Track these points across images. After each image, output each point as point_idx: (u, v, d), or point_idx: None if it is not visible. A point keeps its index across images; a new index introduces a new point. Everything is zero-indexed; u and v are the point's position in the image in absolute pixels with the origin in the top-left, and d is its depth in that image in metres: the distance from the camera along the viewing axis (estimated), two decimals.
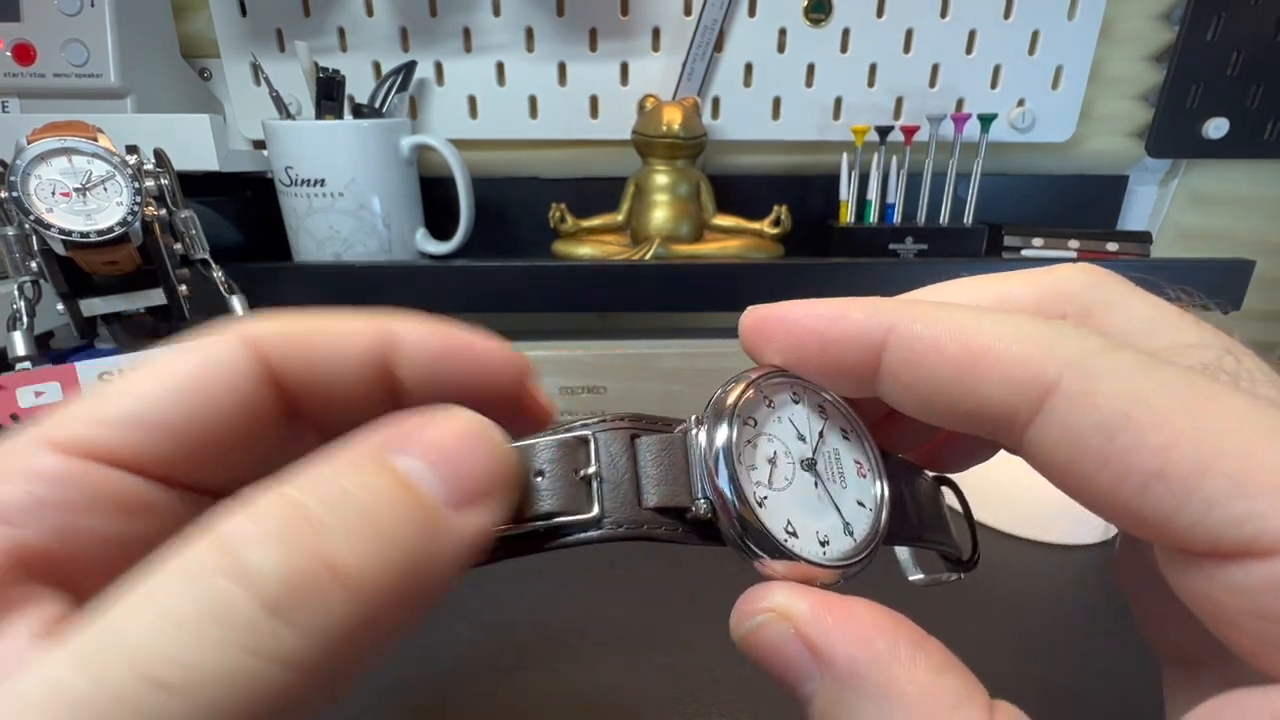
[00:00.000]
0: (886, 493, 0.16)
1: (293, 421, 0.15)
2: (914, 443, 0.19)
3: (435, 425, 0.13)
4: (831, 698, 0.13)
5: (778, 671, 0.13)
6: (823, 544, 0.15)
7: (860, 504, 0.16)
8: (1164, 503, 0.11)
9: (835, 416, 0.17)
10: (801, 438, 0.16)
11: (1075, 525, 0.43)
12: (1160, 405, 0.11)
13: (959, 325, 0.14)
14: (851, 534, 0.15)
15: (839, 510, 0.16)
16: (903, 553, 0.20)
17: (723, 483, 0.14)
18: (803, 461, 0.16)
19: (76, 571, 0.12)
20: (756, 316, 0.16)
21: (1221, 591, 0.11)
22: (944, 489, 0.21)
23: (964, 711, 0.12)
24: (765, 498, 0.15)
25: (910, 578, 0.20)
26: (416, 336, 0.16)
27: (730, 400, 0.15)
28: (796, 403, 0.16)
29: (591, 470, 0.14)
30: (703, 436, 0.15)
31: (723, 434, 0.15)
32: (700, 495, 0.14)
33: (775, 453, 0.15)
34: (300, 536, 0.10)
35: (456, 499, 0.12)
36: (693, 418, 0.15)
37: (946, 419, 0.14)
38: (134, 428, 0.13)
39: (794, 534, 0.15)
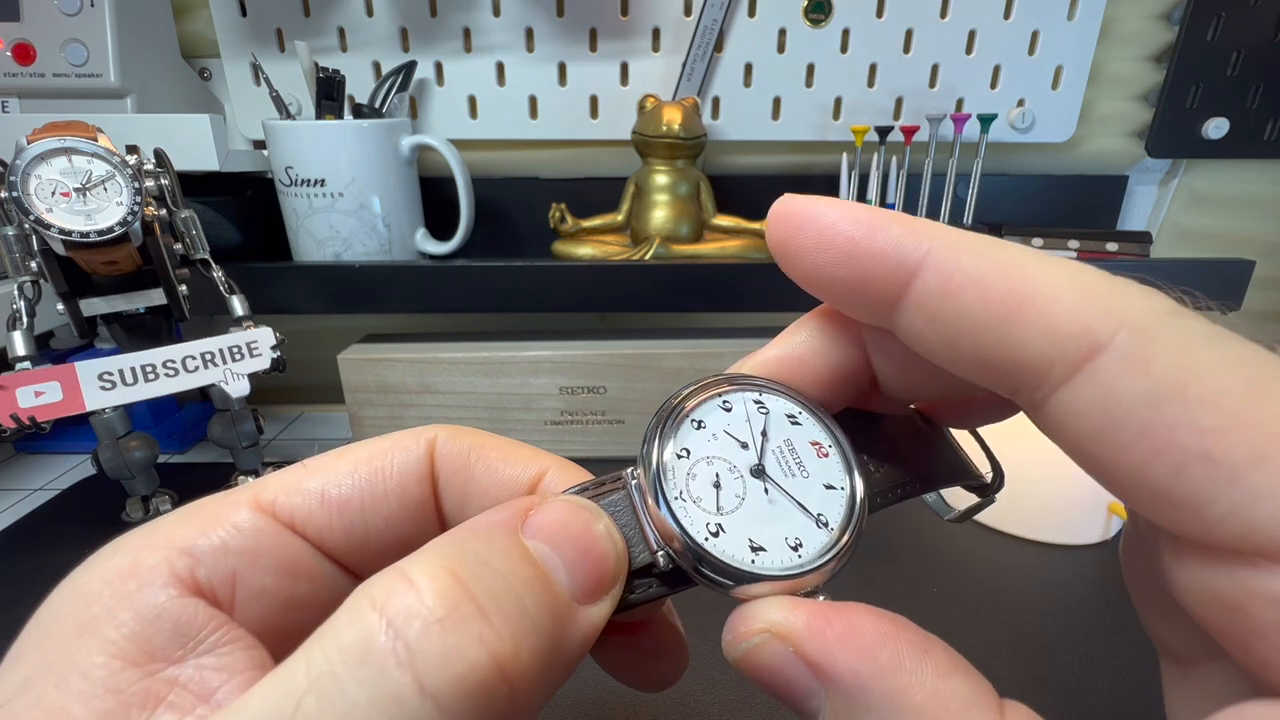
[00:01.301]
0: (854, 465, 0.15)
1: (438, 510, 0.17)
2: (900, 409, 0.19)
3: (556, 508, 0.14)
4: (838, 713, 0.12)
5: (780, 693, 0.13)
6: (795, 548, 0.14)
7: (829, 486, 0.15)
8: (1201, 488, 0.10)
9: (776, 405, 0.16)
10: (744, 445, 0.15)
11: (1075, 525, 0.43)
12: (1221, 382, 0.10)
13: (1008, 262, 0.12)
14: (826, 524, 0.15)
15: (803, 507, 0.15)
16: (928, 495, 0.19)
17: (671, 528, 0.14)
18: (751, 470, 0.15)
19: (232, 612, 0.14)
20: (789, 208, 0.15)
21: (1245, 594, 0.10)
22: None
23: (974, 715, 0.11)
24: (719, 525, 0.14)
25: (944, 518, 0.19)
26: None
27: (656, 444, 0.15)
28: (728, 410, 0.16)
29: None
30: (639, 488, 0.15)
31: (654, 479, 0.15)
32: (657, 548, 0.14)
33: (718, 474, 0.15)
34: (469, 626, 0.11)
35: (583, 592, 0.13)
36: (628, 470, 0.15)
37: (965, 365, 0.13)
38: (319, 500, 0.15)
39: (761, 549, 0.14)
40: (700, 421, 0.16)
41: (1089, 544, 0.43)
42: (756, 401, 0.16)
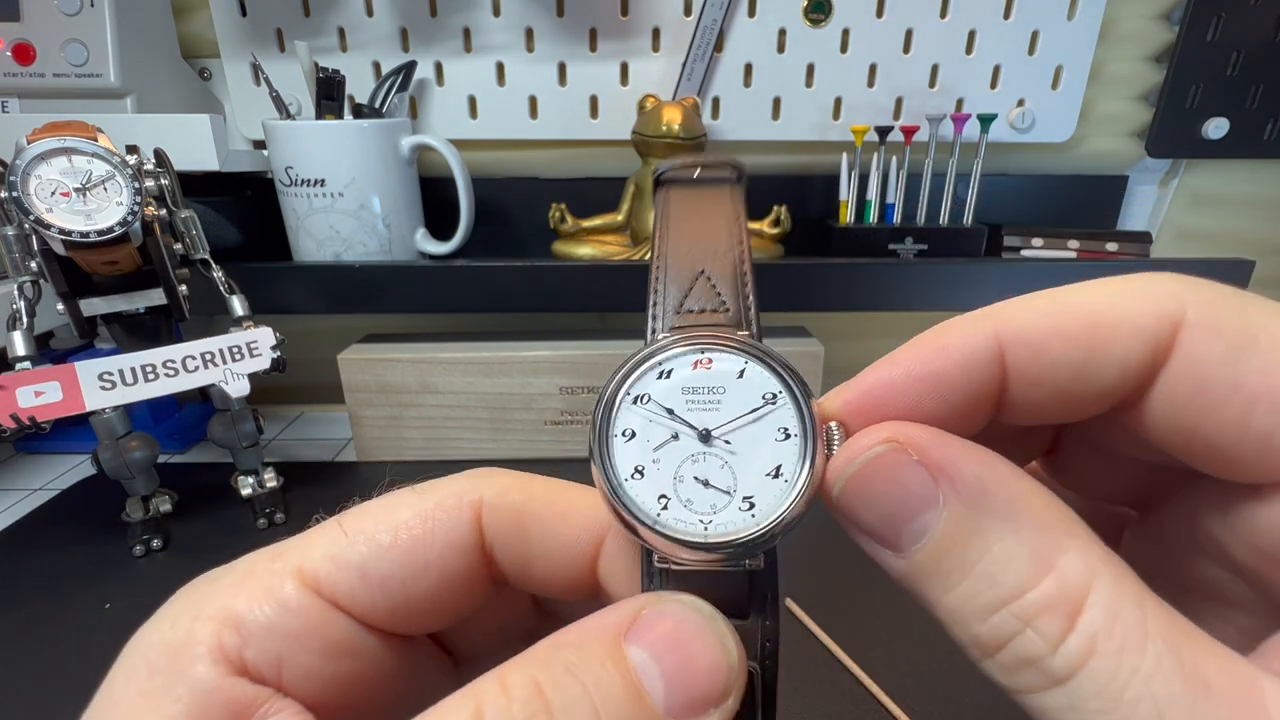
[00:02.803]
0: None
1: (499, 584, 0.16)
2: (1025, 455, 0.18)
3: (670, 615, 0.13)
4: (959, 519, 0.12)
5: (892, 508, 0.13)
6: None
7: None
8: None
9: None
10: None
11: None
12: (1271, 327, 0.12)
13: (1065, 303, 0.13)
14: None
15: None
16: None
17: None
18: (700, 434, 0.15)
19: (280, 689, 0.14)
20: (850, 401, 0.14)
21: None
22: None
23: (1080, 532, 0.12)
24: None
25: None
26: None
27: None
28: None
29: None
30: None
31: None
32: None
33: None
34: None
35: (678, 707, 0.12)
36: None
37: (1085, 401, 0.13)
38: (359, 577, 0.14)
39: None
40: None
41: None
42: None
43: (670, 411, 0.15)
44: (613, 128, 0.67)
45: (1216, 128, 0.64)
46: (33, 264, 0.41)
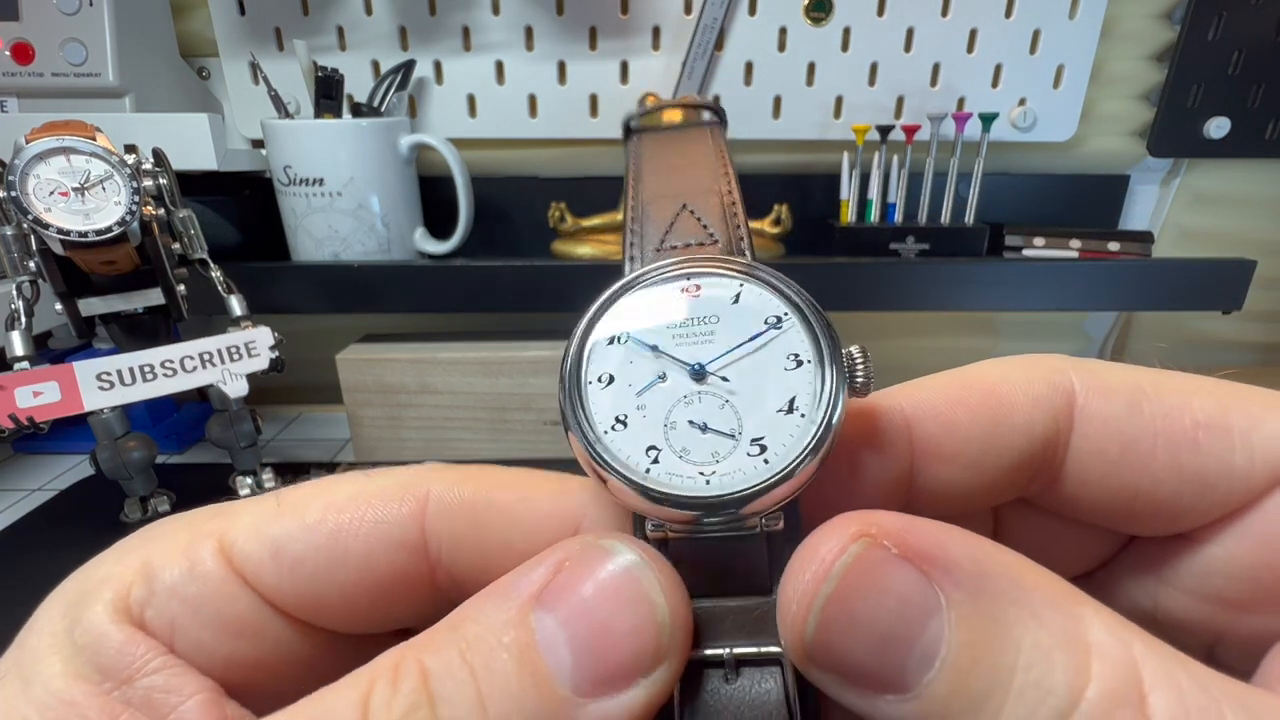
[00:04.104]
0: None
1: (446, 590, 0.14)
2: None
3: (592, 567, 0.11)
4: (972, 619, 0.10)
5: (888, 629, 0.10)
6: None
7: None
8: (1217, 449, 0.12)
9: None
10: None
11: None
12: (1150, 379, 0.13)
13: (962, 378, 0.14)
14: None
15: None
16: None
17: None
18: (693, 370, 0.13)
19: (173, 650, 0.13)
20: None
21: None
22: None
23: (1081, 593, 0.10)
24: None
25: None
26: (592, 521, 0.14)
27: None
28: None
29: None
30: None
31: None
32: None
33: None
34: (411, 704, 0.10)
35: (588, 684, 0.10)
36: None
37: (1000, 474, 0.13)
38: (272, 554, 0.13)
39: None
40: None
41: None
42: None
43: (654, 348, 0.13)
44: (613, 126, 0.66)
45: (1218, 127, 0.64)
46: (31, 264, 0.41)
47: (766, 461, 0.12)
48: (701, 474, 0.12)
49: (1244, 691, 0.10)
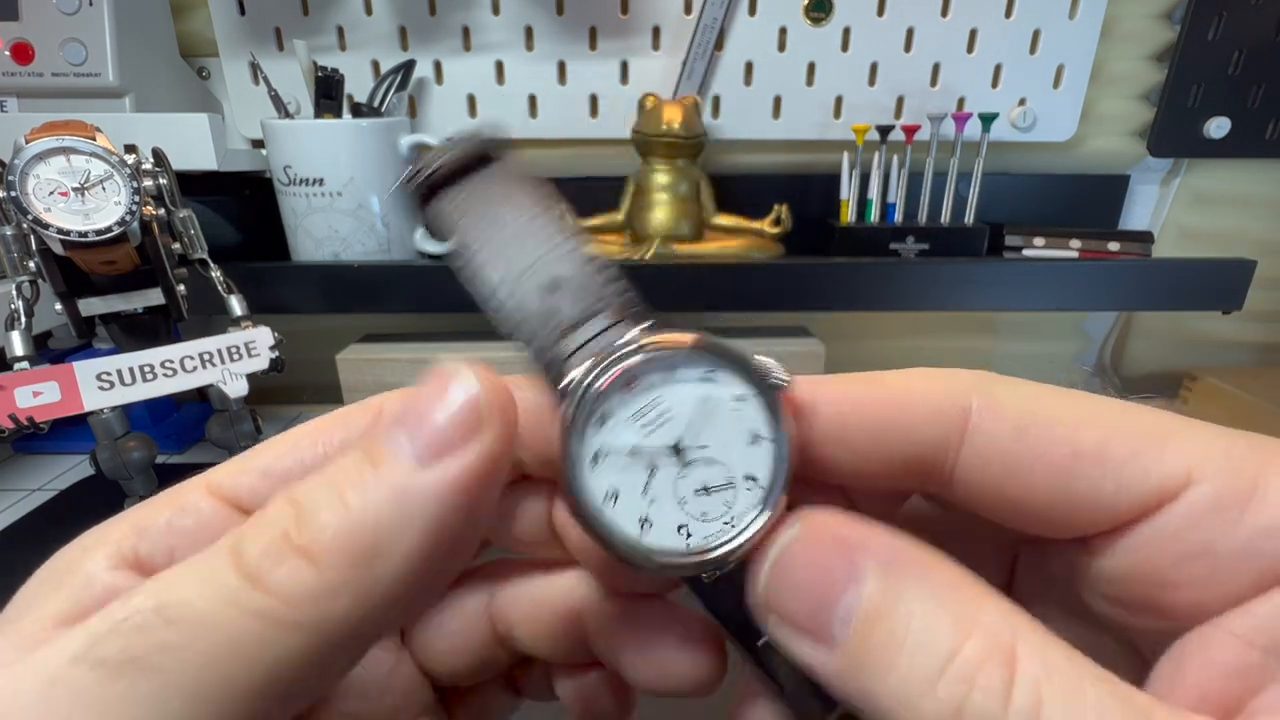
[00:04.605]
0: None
1: None
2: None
3: (421, 390, 0.13)
4: (882, 590, 0.12)
5: (818, 591, 0.13)
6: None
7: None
8: (1091, 476, 0.13)
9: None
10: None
11: None
12: (1049, 405, 0.14)
13: (870, 379, 0.15)
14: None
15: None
16: None
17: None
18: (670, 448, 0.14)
19: None
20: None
21: (1154, 550, 0.13)
22: None
23: (990, 590, 0.12)
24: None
25: None
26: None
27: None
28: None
29: None
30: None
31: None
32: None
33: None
34: (280, 521, 0.12)
35: (425, 451, 0.12)
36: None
37: (891, 465, 0.15)
38: (262, 475, 0.15)
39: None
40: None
41: None
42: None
43: (634, 450, 0.14)
44: (613, 127, 0.66)
45: (1218, 127, 0.64)
46: (31, 264, 0.41)
47: (763, 488, 0.14)
48: (725, 524, 0.14)
49: (1104, 675, 0.11)
